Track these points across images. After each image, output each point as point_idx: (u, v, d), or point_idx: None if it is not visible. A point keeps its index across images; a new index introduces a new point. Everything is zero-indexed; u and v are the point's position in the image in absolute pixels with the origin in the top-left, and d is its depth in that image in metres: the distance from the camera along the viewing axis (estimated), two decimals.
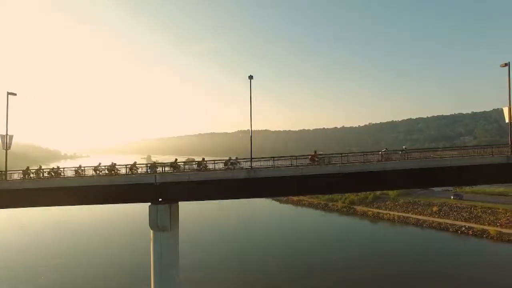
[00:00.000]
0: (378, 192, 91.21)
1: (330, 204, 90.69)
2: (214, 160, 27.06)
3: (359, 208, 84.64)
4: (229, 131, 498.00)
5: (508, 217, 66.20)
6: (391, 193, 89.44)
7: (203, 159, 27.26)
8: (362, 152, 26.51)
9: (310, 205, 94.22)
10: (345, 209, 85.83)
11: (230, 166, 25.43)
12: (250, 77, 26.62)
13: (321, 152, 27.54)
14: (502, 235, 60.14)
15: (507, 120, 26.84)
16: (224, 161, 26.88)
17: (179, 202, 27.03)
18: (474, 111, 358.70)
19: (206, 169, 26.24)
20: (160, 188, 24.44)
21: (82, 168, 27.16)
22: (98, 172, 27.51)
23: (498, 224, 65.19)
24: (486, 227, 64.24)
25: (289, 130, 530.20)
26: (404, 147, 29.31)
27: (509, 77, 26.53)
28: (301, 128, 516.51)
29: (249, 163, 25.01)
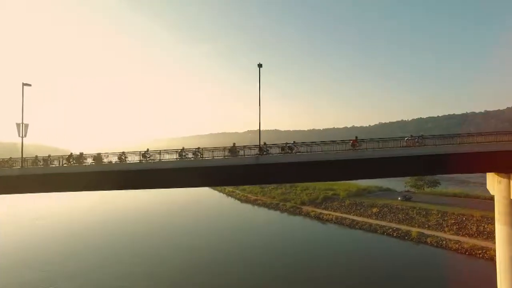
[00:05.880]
0: (330, 193, 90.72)
1: (281, 204, 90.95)
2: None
3: (305, 208, 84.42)
4: (240, 131, 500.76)
5: (438, 219, 64.41)
6: (342, 193, 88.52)
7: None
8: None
9: (264, 205, 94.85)
10: (292, 209, 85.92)
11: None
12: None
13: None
14: (421, 237, 58.86)
15: None
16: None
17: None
18: (488, 109, 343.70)
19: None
20: None
21: None
22: None
23: (426, 225, 63.55)
24: (411, 229, 62.87)
25: (299, 130, 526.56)
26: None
27: (259, 77, 27.02)
28: (311, 128, 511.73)
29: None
